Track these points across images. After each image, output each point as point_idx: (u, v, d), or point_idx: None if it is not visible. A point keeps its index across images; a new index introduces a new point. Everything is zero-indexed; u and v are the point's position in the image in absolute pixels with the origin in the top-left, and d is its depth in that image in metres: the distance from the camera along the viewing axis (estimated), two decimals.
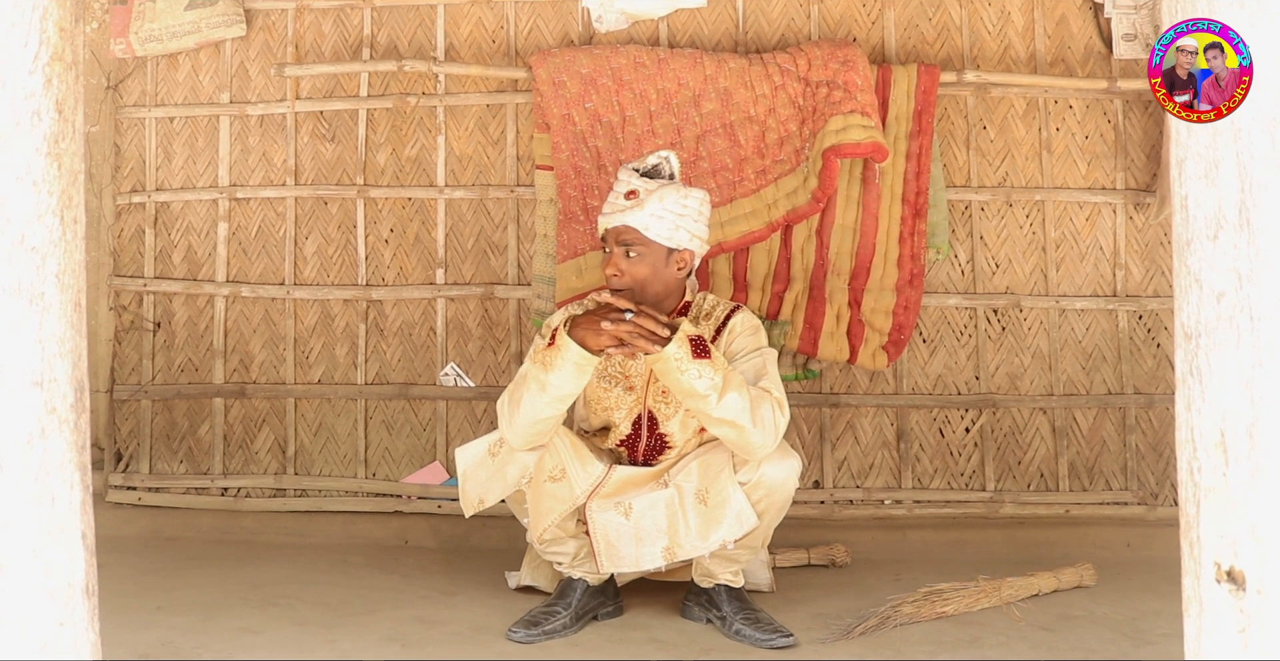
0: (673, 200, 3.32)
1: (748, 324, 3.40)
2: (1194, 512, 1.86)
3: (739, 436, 3.12)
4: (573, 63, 4.30)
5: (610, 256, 3.34)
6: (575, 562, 3.39)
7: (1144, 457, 4.44)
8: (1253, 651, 1.78)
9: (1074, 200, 4.48)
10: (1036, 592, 3.60)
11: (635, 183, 3.35)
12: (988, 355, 4.47)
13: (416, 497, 4.45)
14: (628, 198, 3.33)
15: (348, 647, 3.09)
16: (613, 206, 3.35)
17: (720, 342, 3.38)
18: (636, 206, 3.30)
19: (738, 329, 3.39)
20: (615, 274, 3.32)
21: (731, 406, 3.08)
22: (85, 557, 1.88)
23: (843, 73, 4.15)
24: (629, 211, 3.31)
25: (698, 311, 3.45)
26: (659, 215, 3.30)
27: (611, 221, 3.34)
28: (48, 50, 1.85)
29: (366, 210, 4.57)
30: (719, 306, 3.47)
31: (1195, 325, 1.86)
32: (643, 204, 3.30)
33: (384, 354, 4.57)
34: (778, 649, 3.15)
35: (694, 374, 3.06)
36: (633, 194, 3.32)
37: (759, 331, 3.41)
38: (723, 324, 3.41)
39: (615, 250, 3.33)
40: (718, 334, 3.40)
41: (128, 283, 4.63)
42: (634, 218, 3.29)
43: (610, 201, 3.38)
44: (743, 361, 3.30)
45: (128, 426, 4.62)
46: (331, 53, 4.58)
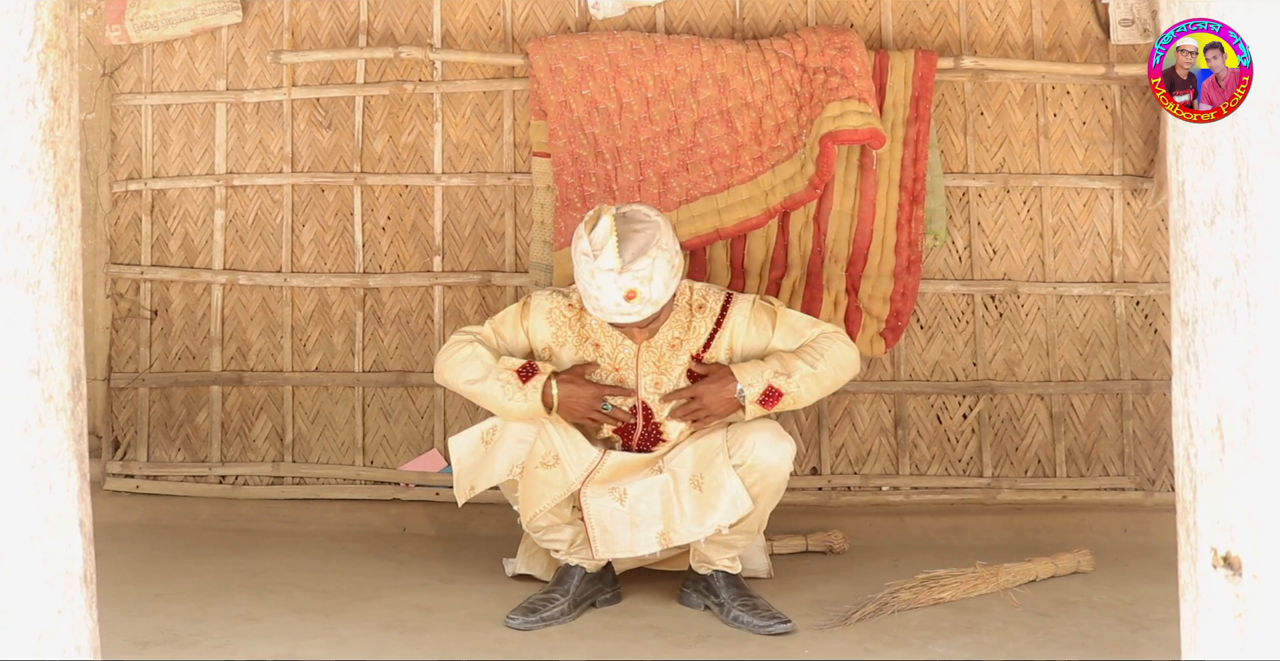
0: (663, 266, 3.14)
1: (745, 311, 3.36)
2: (1190, 498, 1.86)
3: (842, 377, 3.33)
4: (570, 49, 4.29)
5: (634, 334, 3.32)
6: (572, 549, 3.39)
7: (1141, 443, 4.45)
8: (1249, 636, 1.78)
9: (1071, 186, 4.47)
10: (1034, 578, 3.61)
11: (624, 282, 3.09)
12: (985, 341, 4.47)
13: (414, 485, 4.45)
14: (629, 300, 3.12)
15: (346, 634, 3.10)
16: (618, 310, 3.14)
17: (722, 337, 3.35)
18: (645, 303, 3.13)
19: (740, 326, 3.36)
20: (647, 336, 3.34)
21: (807, 383, 3.23)
22: (83, 545, 1.88)
23: (840, 59, 4.14)
24: (643, 309, 3.14)
25: (688, 302, 3.39)
26: (662, 286, 3.16)
27: (627, 320, 3.18)
28: (42, 37, 1.84)
29: (363, 198, 4.56)
30: (709, 296, 3.41)
31: (1192, 311, 1.87)
32: (650, 300, 3.14)
33: (381, 341, 4.57)
34: (775, 635, 3.16)
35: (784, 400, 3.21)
36: (633, 295, 3.11)
37: (761, 311, 3.38)
38: (720, 316, 3.37)
39: (639, 332, 3.32)
40: (717, 326, 3.36)
41: (124, 270, 4.62)
42: (649, 308, 3.15)
43: (604, 304, 3.14)
44: (779, 339, 3.35)
45: (125, 414, 4.62)
46: (328, 39, 4.57)
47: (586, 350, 3.37)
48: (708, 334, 3.36)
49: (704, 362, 3.35)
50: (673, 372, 3.35)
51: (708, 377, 3.29)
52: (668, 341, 3.35)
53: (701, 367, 3.33)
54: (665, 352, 3.36)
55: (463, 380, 3.30)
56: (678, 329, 3.36)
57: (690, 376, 3.35)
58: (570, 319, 3.39)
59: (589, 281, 3.14)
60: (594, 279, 3.12)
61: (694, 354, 3.36)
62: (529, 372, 3.24)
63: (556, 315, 3.40)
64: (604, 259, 3.08)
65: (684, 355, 3.35)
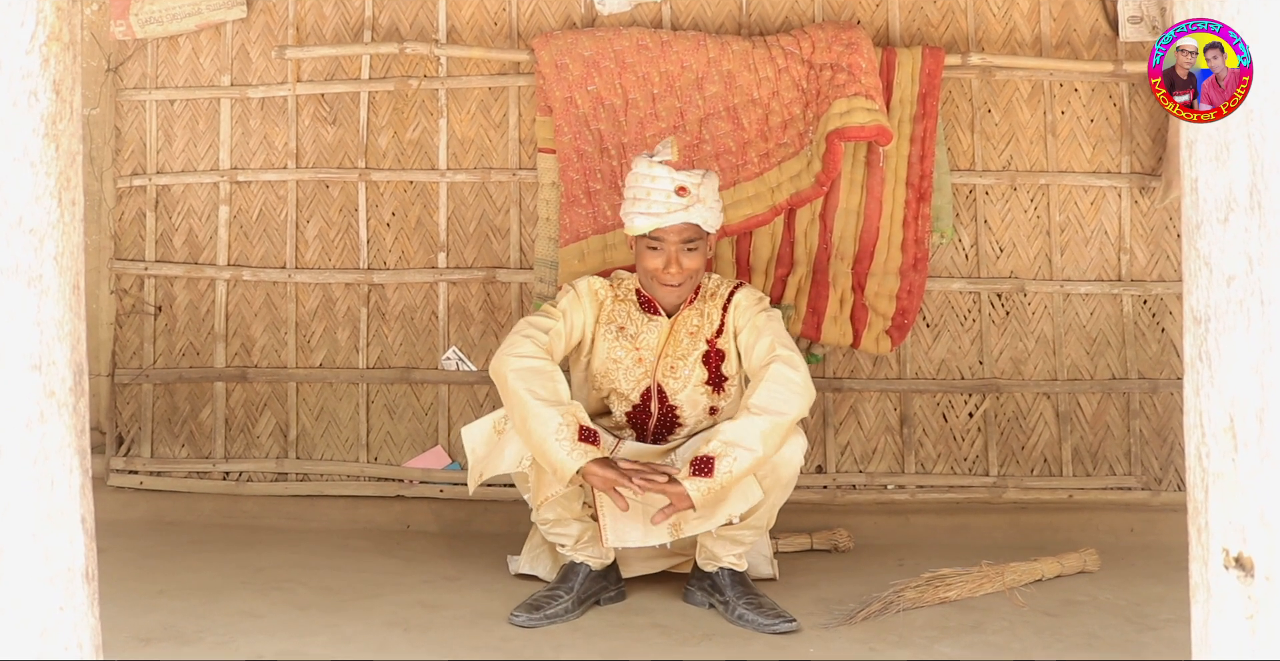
0: (713, 188, 3.39)
1: (751, 296, 3.49)
2: (1202, 498, 1.85)
3: (794, 420, 3.19)
4: (575, 45, 4.28)
5: (671, 256, 3.35)
6: (579, 546, 3.38)
7: (1148, 443, 4.43)
8: (1260, 638, 1.77)
9: (1079, 184, 4.45)
10: (1040, 578, 3.60)
11: (680, 178, 3.33)
12: (991, 340, 4.45)
13: (418, 482, 4.44)
14: (680, 194, 3.30)
15: (349, 632, 3.09)
16: (666, 205, 3.31)
17: (728, 319, 3.45)
18: (695, 202, 3.32)
19: (742, 304, 3.47)
20: (678, 271, 3.36)
21: (765, 438, 3.11)
22: (85, 542, 1.87)
23: (847, 55, 4.13)
24: (691, 209, 3.31)
25: (704, 292, 3.52)
26: (711, 206, 3.37)
27: (670, 220, 3.32)
28: (45, 30, 1.83)
29: (368, 193, 4.55)
30: (722, 285, 3.54)
31: (1205, 309, 1.85)
32: (700, 199, 3.32)
33: (386, 338, 4.56)
34: (780, 633, 3.15)
35: (721, 483, 3.08)
36: (684, 190, 3.31)
37: (762, 300, 3.50)
38: (727, 301, 3.48)
39: (675, 249, 3.35)
40: (724, 311, 3.47)
41: (129, 266, 4.61)
42: (696, 214, 3.32)
43: (655, 200, 3.32)
44: (759, 338, 3.35)
45: (129, 410, 4.61)
46: (333, 35, 4.56)
47: (612, 332, 3.47)
48: (719, 318, 3.47)
49: (719, 348, 3.44)
50: (690, 358, 3.46)
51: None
52: (687, 329, 3.46)
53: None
54: (684, 339, 3.47)
55: (524, 387, 3.17)
56: (695, 316, 3.48)
57: (705, 362, 3.43)
58: (604, 299, 3.50)
59: (643, 181, 3.34)
60: (650, 170, 3.34)
61: (708, 339, 3.46)
62: (589, 437, 3.13)
63: (601, 294, 3.51)
64: (662, 152, 3.37)
65: (700, 341, 3.47)
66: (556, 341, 3.38)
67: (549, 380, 3.21)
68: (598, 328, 3.49)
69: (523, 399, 3.15)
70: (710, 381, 3.46)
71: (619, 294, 3.52)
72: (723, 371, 3.47)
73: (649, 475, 3.09)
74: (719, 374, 3.47)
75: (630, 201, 3.40)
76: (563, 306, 3.44)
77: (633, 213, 3.37)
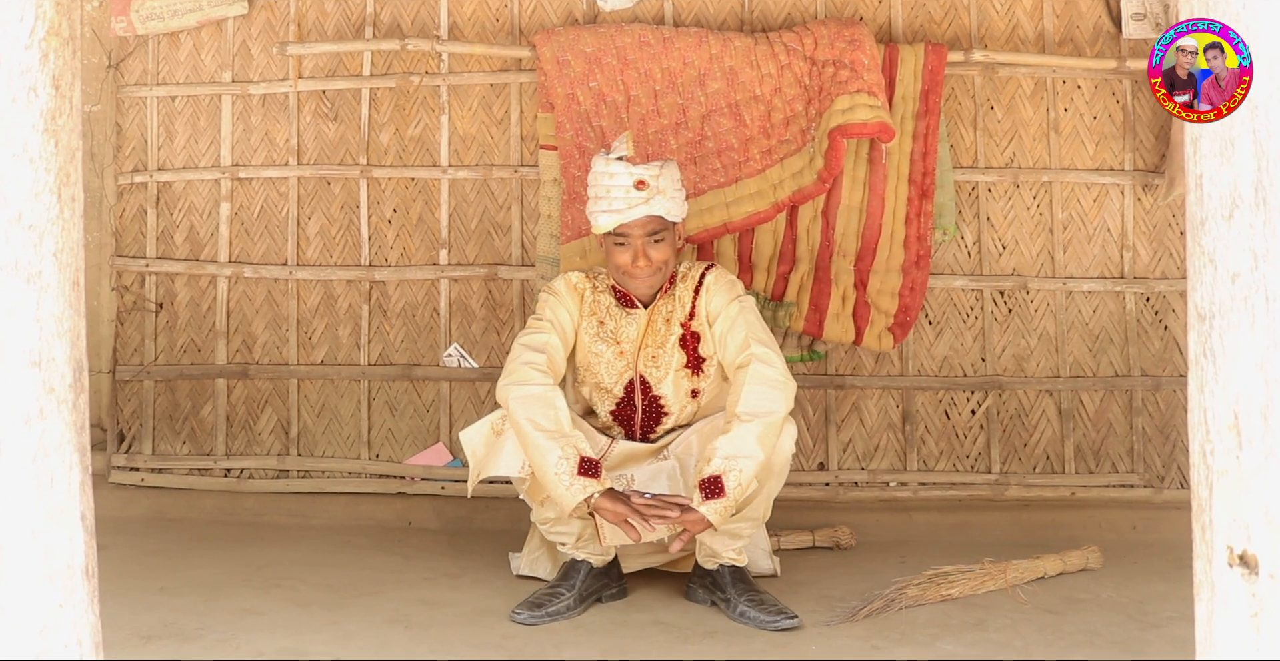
0: (673, 178, 3.40)
1: (721, 280, 3.48)
2: (1206, 496, 1.84)
3: (783, 416, 3.23)
4: (577, 41, 4.27)
5: (638, 249, 3.37)
6: (579, 544, 3.38)
7: (1150, 440, 4.42)
8: (1265, 636, 1.76)
9: (1082, 181, 4.44)
10: (1042, 575, 3.59)
11: (637, 172, 3.34)
12: (994, 337, 4.44)
13: (420, 479, 4.44)
14: (639, 188, 3.32)
15: (350, 629, 3.09)
16: (626, 200, 3.32)
17: (699, 302, 3.46)
18: (655, 194, 3.33)
19: (713, 288, 3.46)
20: (646, 264, 3.37)
21: (762, 442, 3.15)
22: (85, 539, 1.87)
23: (849, 52, 4.12)
24: (652, 201, 3.33)
25: (677, 278, 3.53)
26: (673, 196, 3.37)
27: (632, 215, 3.33)
28: (44, 25, 1.82)
29: (370, 190, 4.55)
30: (693, 268, 3.55)
31: (1209, 306, 1.84)
32: (660, 190, 3.33)
33: (387, 335, 4.55)
34: (782, 630, 3.14)
35: (734, 499, 3.11)
36: (642, 184, 3.32)
37: (735, 284, 3.49)
38: (699, 284, 3.48)
39: (641, 242, 3.36)
40: (696, 294, 3.47)
41: (130, 263, 4.61)
42: (658, 205, 3.34)
43: (614, 197, 3.33)
44: (733, 330, 3.36)
45: (130, 407, 4.61)
46: (334, 31, 4.55)
47: (594, 326, 3.48)
48: (690, 301, 3.47)
49: (694, 331, 3.45)
50: (668, 344, 3.46)
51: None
52: (662, 317, 3.48)
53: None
54: (660, 326, 3.48)
55: (525, 417, 3.19)
56: (670, 302, 3.48)
57: (682, 345, 3.45)
58: (584, 290, 3.51)
59: (602, 179, 3.35)
60: (607, 168, 3.34)
61: (682, 321, 3.47)
62: (590, 470, 3.14)
63: (581, 286, 3.52)
64: (619, 148, 3.37)
65: (675, 325, 3.47)
66: (555, 354, 3.39)
67: (549, 407, 3.22)
68: (581, 321, 3.50)
69: (525, 430, 3.19)
70: (690, 365, 3.48)
71: (597, 285, 3.53)
72: (700, 353, 3.47)
73: (662, 510, 3.12)
74: (696, 355, 3.48)
75: (593, 201, 3.40)
76: (548, 316, 3.44)
77: (596, 211, 3.38)
